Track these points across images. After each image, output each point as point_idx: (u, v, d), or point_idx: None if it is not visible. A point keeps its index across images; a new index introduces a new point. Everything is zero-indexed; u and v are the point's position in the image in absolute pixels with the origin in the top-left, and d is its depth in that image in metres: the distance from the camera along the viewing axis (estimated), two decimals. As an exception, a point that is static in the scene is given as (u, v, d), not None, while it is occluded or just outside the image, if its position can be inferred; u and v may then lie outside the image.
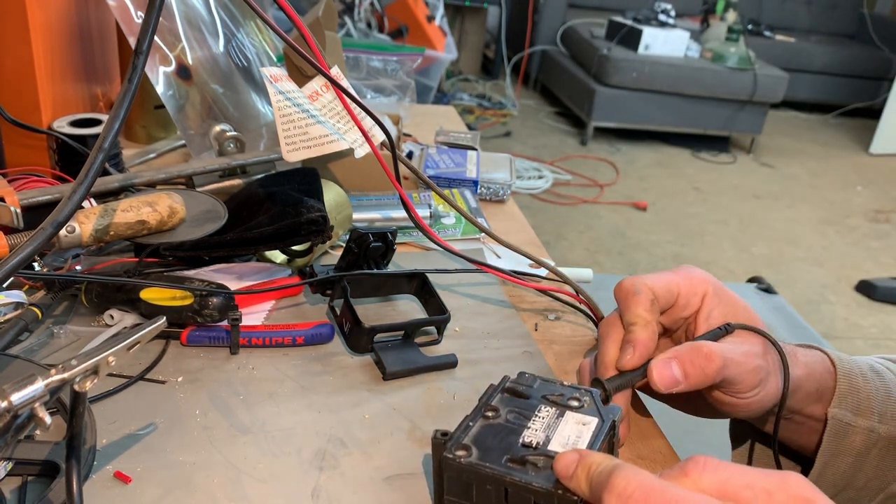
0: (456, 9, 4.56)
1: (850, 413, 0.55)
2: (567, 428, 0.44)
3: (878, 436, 0.55)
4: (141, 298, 0.58)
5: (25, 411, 0.38)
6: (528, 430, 0.44)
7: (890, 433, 0.55)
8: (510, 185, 0.95)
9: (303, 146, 0.66)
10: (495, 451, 0.42)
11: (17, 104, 0.77)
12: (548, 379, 0.49)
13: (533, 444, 0.43)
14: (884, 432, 0.55)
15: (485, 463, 0.41)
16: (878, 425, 0.55)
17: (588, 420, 0.45)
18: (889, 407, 0.56)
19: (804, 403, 0.55)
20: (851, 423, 0.55)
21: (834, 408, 0.54)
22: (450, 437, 0.43)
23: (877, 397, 0.55)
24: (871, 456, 0.55)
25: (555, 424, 0.44)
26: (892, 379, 0.58)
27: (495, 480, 0.41)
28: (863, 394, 0.55)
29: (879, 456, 0.55)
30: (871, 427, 0.55)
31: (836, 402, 0.55)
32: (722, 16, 4.38)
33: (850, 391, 0.55)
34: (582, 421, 0.45)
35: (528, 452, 0.42)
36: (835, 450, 0.55)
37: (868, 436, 0.55)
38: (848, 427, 0.55)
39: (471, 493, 0.42)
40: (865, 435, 0.55)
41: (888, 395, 0.56)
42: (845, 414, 0.55)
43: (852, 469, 0.56)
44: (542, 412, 0.45)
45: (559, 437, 0.43)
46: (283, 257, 0.70)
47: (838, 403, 0.55)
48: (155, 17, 0.50)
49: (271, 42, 1.02)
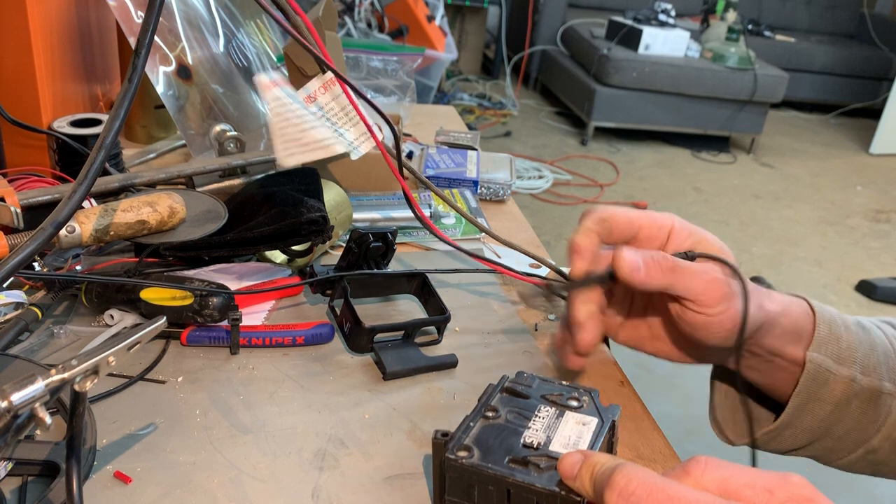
0: (456, 8, 4.56)
1: (830, 360, 0.53)
2: (567, 428, 0.44)
3: (860, 387, 0.54)
4: (141, 298, 0.58)
5: (25, 411, 0.38)
6: (529, 431, 0.44)
7: (872, 385, 0.54)
8: (510, 185, 0.95)
9: (298, 151, 0.66)
10: (497, 451, 0.42)
11: (17, 104, 0.77)
12: (546, 378, 0.49)
13: (534, 444, 0.43)
14: (866, 384, 0.54)
15: (487, 464, 0.41)
16: (859, 376, 0.54)
17: (588, 420, 0.45)
18: (872, 360, 0.54)
19: (782, 342, 0.54)
20: (831, 369, 0.53)
21: (813, 351, 0.53)
22: (451, 438, 0.43)
23: (860, 348, 0.54)
24: (852, 407, 0.54)
25: (555, 424, 0.44)
26: (879, 336, 0.57)
27: (498, 481, 0.41)
28: (844, 343, 0.54)
29: (861, 408, 0.54)
30: (853, 377, 0.54)
31: (815, 346, 0.53)
32: (722, 16, 4.37)
33: (831, 338, 0.54)
34: (582, 421, 0.45)
35: (530, 453, 0.42)
36: (813, 395, 0.54)
37: (849, 385, 0.54)
38: (828, 374, 0.53)
39: (472, 493, 0.42)
40: (846, 384, 0.54)
41: (872, 349, 0.55)
42: (825, 360, 0.53)
43: (831, 418, 0.55)
44: (542, 412, 0.45)
45: (560, 438, 0.43)
46: (283, 257, 0.70)
47: (817, 348, 0.53)
48: (155, 17, 0.50)
49: (271, 42, 1.02)
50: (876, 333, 0.57)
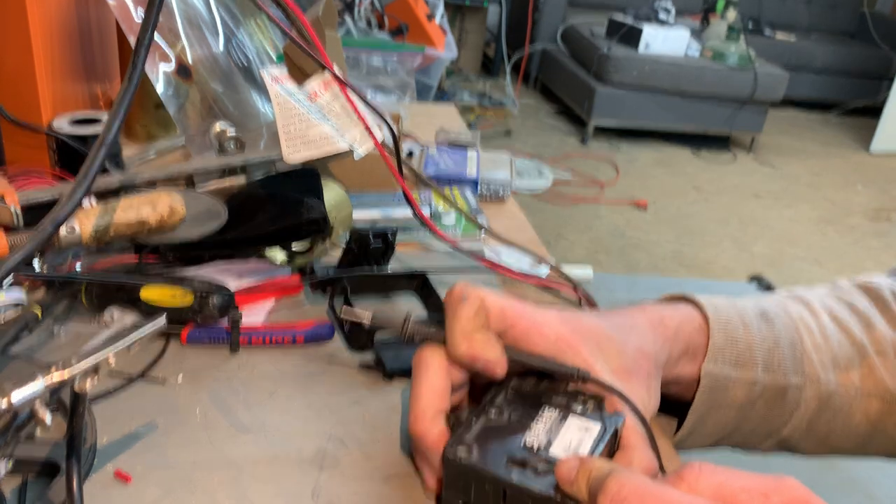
0: (456, 7, 4.56)
1: (728, 367, 0.53)
2: (569, 432, 0.44)
3: (763, 386, 0.53)
4: (141, 298, 0.58)
5: (25, 410, 0.38)
6: (530, 432, 0.44)
7: (776, 382, 0.53)
8: (510, 185, 0.95)
9: (304, 147, 0.66)
10: (496, 451, 0.42)
11: (17, 103, 0.77)
12: (552, 381, 0.49)
13: (534, 446, 0.43)
14: (769, 382, 0.53)
15: (485, 463, 0.41)
16: (761, 375, 0.53)
17: (590, 426, 0.45)
18: (776, 356, 0.53)
19: (677, 371, 0.53)
20: (730, 376, 0.53)
21: (709, 363, 0.52)
22: (451, 435, 0.44)
23: (762, 347, 0.53)
24: (757, 406, 0.54)
25: (557, 428, 0.44)
26: (784, 323, 0.55)
27: (495, 482, 0.41)
28: (742, 345, 0.53)
29: (766, 406, 0.54)
30: (754, 379, 0.53)
31: (710, 357, 0.52)
32: (722, 14, 4.37)
33: (728, 343, 0.53)
34: (584, 426, 0.45)
35: (529, 455, 0.42)
36: (713, 404, 0.53)
37: (750, 388, 0.53)
38: (726, 381, 0.53)
39: (469, 491, 0.42)
40: (747, 388, 0.53)
41: (776, 344, 0.54)
42: (722, 368, 0.52)
43: (736, 420, 0.54)
44: (546, 414, 0.45)
45: (561, 442, 0.43)
46: (283, 257, 0.70)
47: (713, 358, 0.52)
48: (155, 16, 0.50)
49: (272, 41, 1.02)
50: (780, 323, 0.55)
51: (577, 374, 0.46)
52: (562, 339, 0.47)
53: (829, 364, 0.55)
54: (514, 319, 0.47)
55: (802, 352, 0.54)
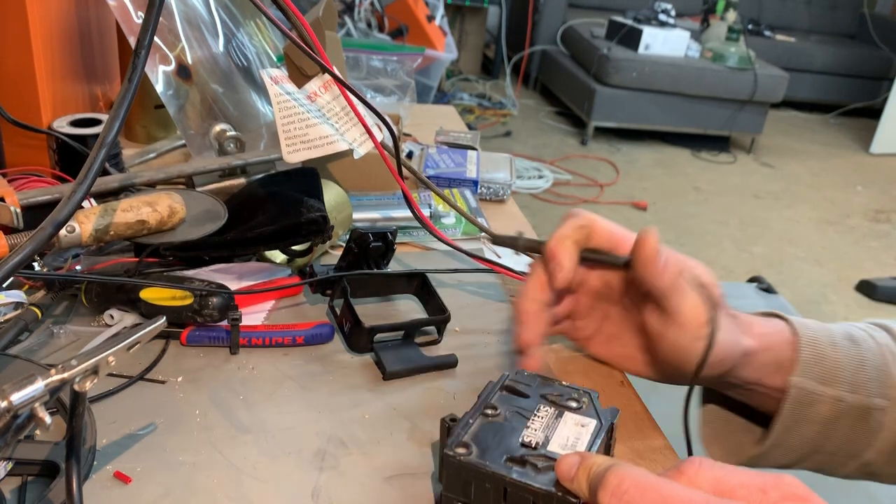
0: (456, 8, 4.56)
1: (814, 382, 0.54)
2: (566, 429, 0.44)
3: (848, 405, 0.54)
4: (141, 298, 0.58)
5: (25, 411, 0.38)
6: (528, 430, 0.44)
7: (860, 402, 0.54)
8: (510, 185, 0.95)
9: (303, 147, 0.66)
10: (495, 449, 0.42)
11: (17, 104, 0.77)
12: (546, 378, 0.49)
13: (532, 443, 0.43)
14: (854, 402, 0.54)
15: (485, 462, 0.41)
16: (847, 395, 0.54)
17: (587, 422, 0.45)
18: (861, 376, 0.54)
19: (760, 374, 0.54)
20: (816, 391, 0.54)
21: (796, 376, 0.54)
22: (450, 434, 0.44)
23: (848, 366, 0.54)
24: (841, 424, 0.55)
25: (554, 425, 0.45)
26: (870, 348, 0.56)
27: (495, 480, 0.41)
28: (829, 362, 0.54)
29: (850, 425, 0.55)
30: (839, 396, 0.54)
31: (799, 371, 0.54)
32: (722, 15, 4.37)
33: (815, 360, 0.54)
34: (581, 422, 0.45)
35: (528, 452, 0.42)
36: (799, 417, 0.54)
37: (835, 405, 0.54)
38: (812, 396, 0.54)
39: (469, 490, 0.42)
40: (832, 404, 0.54)
41: (861, 364, 0.55)
42: (809, 382, 0.54)
43: (820, 436, 0.55)
44: (542, 412, 0.46)
45: (558, 438, 0.43)
46: (283, 257, 0.70)
47: (801, 372, 0.54)
48: (155, 17, 0.50)
49: (271, 42, 1.02)
50: (867, 346, 0.56)
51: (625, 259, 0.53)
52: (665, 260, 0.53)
53: None
54: (622, 241, 0.54)
55: (887, 375, 0.55)
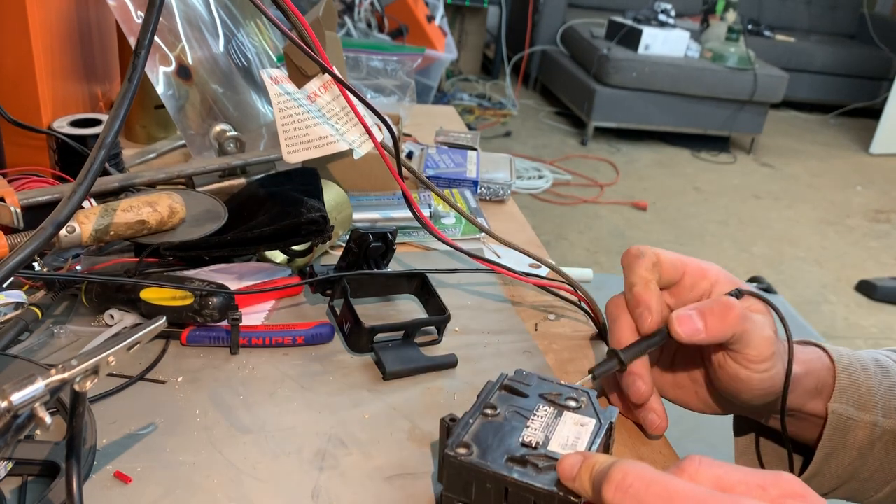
0: (456, 9, 4.56)
1: (851, 408, 0.55)
2: (566, 429, 0.44)
3: (883, 430, 0.55)
4: (141, 298, 0.58)
5: (25, 411, 0.38)
6: (528, 430, 0.44)
7: (894, 427, 0.55)
8: (510, 185, 0.95)
9: (303, 147, 0.66)
10: (495, 450, 0.42)
11: (17, 104, 0.77)
12: (545, 377, 0.49)
13: (532, 443, 0.43)
14: (888, 426, 0.55)
15: (486, 462, 0.41)
16: (881, 419, 0.55)
17: (586, 421, 0.45)
18: (893, 401, 0.56)
19: (803, 400, 0.55)
20: (853, 417, 0.55)
21: (834, 402, 0.55)
22: (450, 434, 0.44)
23: (880, 391, 0.56)
24: (876, 449, 0.55)
25: (553, 424, 0.45)
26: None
27: (496, 480, 0.41)
28: (864, 388, 0.55)
29: (884, 450, 0.56)
30: (875, 421, 0.55)
31: (836, 397, 0.55)
32: (722, 16, 4.38)
33: (851, 386, 0.55)
34: (580, 422, 0.45)
35: (528, 452, 0.42)
36: (837, 443, 0.55)
37: (871, 430, 0.55)
38: (850, 422, 0.55)
39: (470, 491, 0.42)
40: (868, 429, 0.55)
41: (892, 390, 0.56)
42: (847, 409, 0.55)
43: (856, 462, 0.56)
44: (541, 411, 0.46)
45: (558, 438, 0.43)
46: (283, 257, 0.70)
47: (839, 398, 0.55)
48: (155, 17, 0.50)
49: (271, 42, 1.02)
50: (895, 372, 0.57)
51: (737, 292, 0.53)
52: (719, 282, 0.55)
53: None
54: (686, 265, 0.55)
55: None
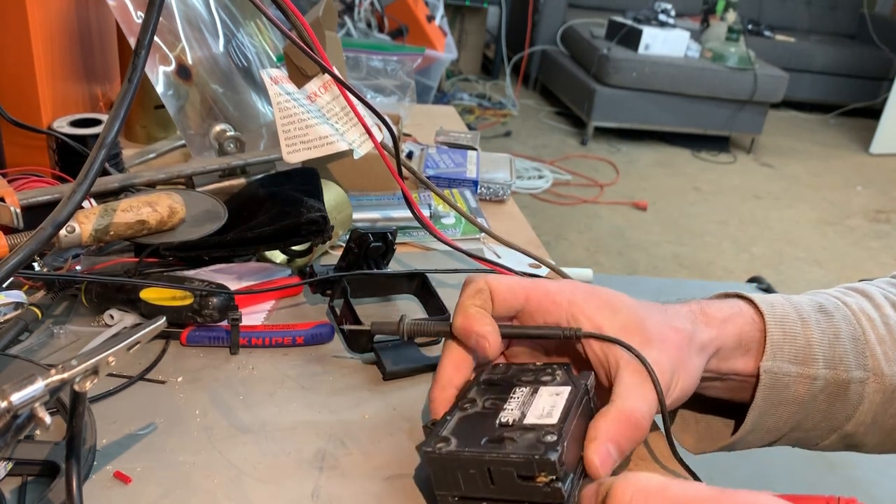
0: (456, 9, 4.56)
1: (787, 364, 0.51)
2: (541, 401, 0.44)
3: (826, 381, 0.52)
4: (141, 298, 0.58)
5: (25, 411, 0.38)
6: (504, 412, 0.44)
7: (838, 377, 0.52)
8: (510, 185, 0.95)
9: (303, 147, 0.66)
10: (474, 436, 0.42)
11: (17, 104, 0.77)
12: (522, 365, 0.49)
13: (509, 422, 0.42)
14: (831, 378, 0.52)
15: (463, 448, 0.41)
16: (823, 371, 0.51)
17: (561, 390, 0.44)
18: (838, 350, 0.52)
19: (729, 363, 0.52)
20: (790, 373, 0.51)
21: (767, 361, 0.51)
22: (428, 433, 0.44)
23: (821, 342, 0.52)
24: (818, 402, 0.52)
25: (529, 401, 0.44)
26: (845, 316, 0.53)
27: (476, 462, 0.40)
28: (801, 340, 0.51)
29: (828, 401, 0.52)
30: (815, 375, 0.51)
31: (768, 354, 0.51)
32: (722, 16, 4.38)
33: (786, 340, 0.51)
34: (555, 392, 0.44)
35: (506, 431, 0.42)
36: (773, 401, 0.52)
37: (811, 384, 0.52)
38: (787, 378, 0.51)
39: (458, 482, 0.41)
40: (808, 384, 0.51)
41: (836, 338, 0.52)
42: (782, 365, 0.51)
43: (797, 416, 0.53)
44: (517, 393, 0.45)
45: (534, 411, 0.43)
46: (283, 257, 0.70)
47: (772, 356, 0.51)
48: (155, 17, 0.50)
49: (271, 42, 1.02)
50: (841, 315, 0.54)
51: (568, 333, 0.47)
52: (574, 303, 0.48)
53: (893, 357, 0.53)
54: (526, 293, 0.49)
55: (865, 344, 0.52)
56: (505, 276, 0.50)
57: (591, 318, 0.47)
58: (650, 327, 0.48)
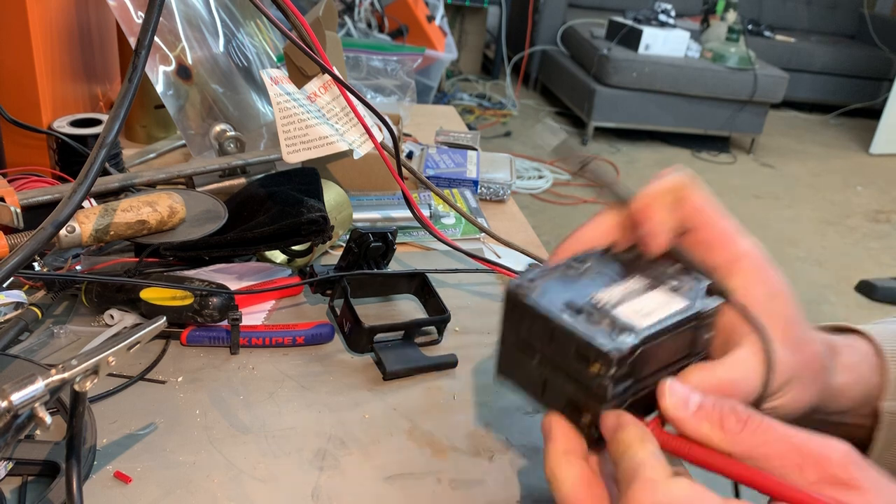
0: (456, 9, 4.56)
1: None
2: (647, 300, 0.38)
3: None
4: (141, 298, 0.58)
5: (25, 411, 0.38)
6: (605, 290, 0.39)
7: None
8: (510, 185, 0.95)
9: (303, 147, 0.66)
10: (557, 294, 0.38)
11: (17, 104, 0.77)
12: (656, 259, 0.42)
13: (600, 303, 0.38)
14: None
15: (539, 302, 0.38)
16: None
17: (675, 300, 0.38)
18: None
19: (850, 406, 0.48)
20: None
21: (889, 401, 0.48)
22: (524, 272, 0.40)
23: None
24: None
25: (635, 293, 0.39)
26: None
27: (544, 319, 0.37)
28: None
29: None
30: None
31: (891, 394, 0.48)
32: (722, 16, 4.37)
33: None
34: (668, 300, 0.39)
35: (590, 307, 0.38)
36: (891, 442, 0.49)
37: None
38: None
39: (523, 327, 0.39)
40: None
41: None
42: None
43: None
44: (632, 281, 0.40)
45: (634, 304, 0.38)
46: (283, 257, 0.70)
47: (894, 395, 0.48)
48: (155, 17, 0.50)
49: (271, 42, 1.02)
50: None
51: (715, 289, 0.40)
52: (739, 260, 0.42)
53: None
54: (705, 222, 0.43)
55: None
56: (705, 193, 0.44)
57: (747, 286, 0.42)
58: (797, 332, 0.43)
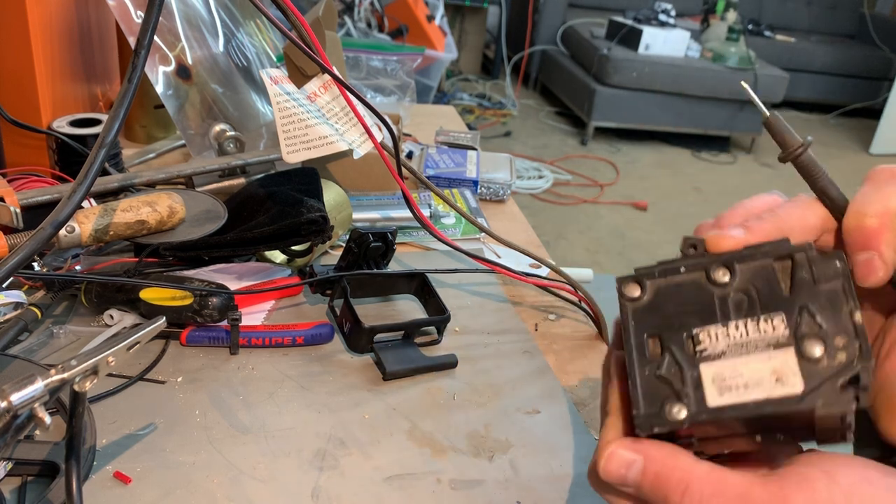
0: (456, 8, 4.56)
1: None
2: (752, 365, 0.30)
3: None
4: (141, 298, 0.58)
5: (25, 411, 0.38)
6: (711, 327, 0.31)
7: None
8: (510, 185, 0.95)
9: (303, 147, 0.66)
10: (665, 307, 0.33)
11: (17, 104, 0.77)
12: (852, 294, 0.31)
13: (697, 347, 0.31)
14: None
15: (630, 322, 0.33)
16: None
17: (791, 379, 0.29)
18: None
19: None
20: None
21: None
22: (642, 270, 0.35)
23: None
24: None
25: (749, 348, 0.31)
26: None
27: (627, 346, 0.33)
28: None
29: None
30: None
31: None
32: (722, 16, 4.37)
33: None
34: (783, 373, 0.30)
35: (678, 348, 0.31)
36: None
37: None
38: None
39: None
40: None
41: None
42: None
43: None
44: (763, 325, 0.31)
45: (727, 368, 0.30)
46: (283, 257, 0.70)
47: None
48: (155, 17, 0.50)
49: (271, 42, 1.02)
50: None
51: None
52: None
53: None
54: None
55: None
56: None
57: None
58: None
